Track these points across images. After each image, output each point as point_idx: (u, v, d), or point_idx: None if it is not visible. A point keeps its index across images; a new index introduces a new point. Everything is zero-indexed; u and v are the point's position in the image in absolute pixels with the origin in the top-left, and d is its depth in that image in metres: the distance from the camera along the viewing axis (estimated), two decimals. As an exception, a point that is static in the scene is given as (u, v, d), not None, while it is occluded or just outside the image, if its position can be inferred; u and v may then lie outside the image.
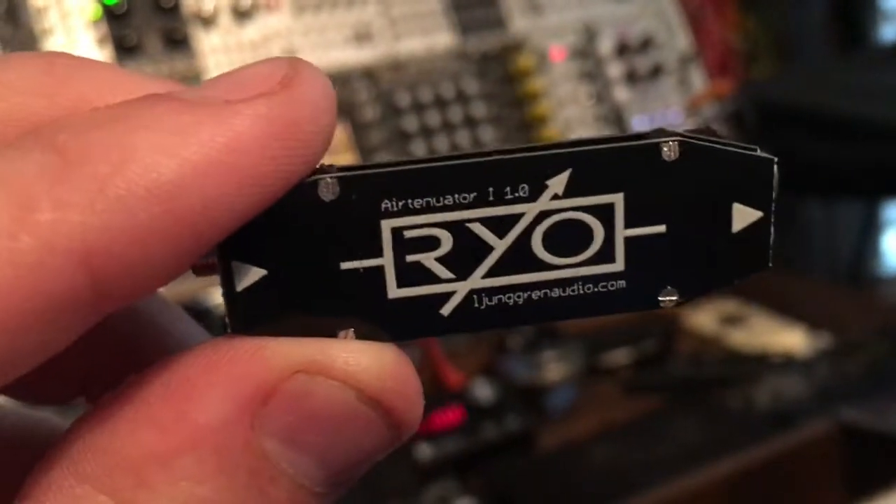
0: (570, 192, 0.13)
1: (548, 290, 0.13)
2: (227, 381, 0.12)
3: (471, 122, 0.80)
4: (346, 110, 0.77)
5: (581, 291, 0.14)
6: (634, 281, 0.14)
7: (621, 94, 0.86)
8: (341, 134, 0.76)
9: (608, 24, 0.87)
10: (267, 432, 0.12)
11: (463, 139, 0.79)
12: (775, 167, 0.14)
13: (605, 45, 0.86)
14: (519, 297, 0.13)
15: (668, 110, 0.87)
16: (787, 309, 0.87)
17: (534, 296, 0.13)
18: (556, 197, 0.13)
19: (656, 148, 0.13)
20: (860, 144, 0.82)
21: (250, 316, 0.13)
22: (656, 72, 0.87)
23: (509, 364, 0.76)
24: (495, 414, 0.68)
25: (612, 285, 0.14)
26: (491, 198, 0.13)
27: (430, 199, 0.13)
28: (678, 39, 0.89)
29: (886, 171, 0.84)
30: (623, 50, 0.86)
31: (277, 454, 0.12)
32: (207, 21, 0.75)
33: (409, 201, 0.13)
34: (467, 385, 0.71)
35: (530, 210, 0.13)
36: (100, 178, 0.10)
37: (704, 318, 0.89)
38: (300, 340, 0.12)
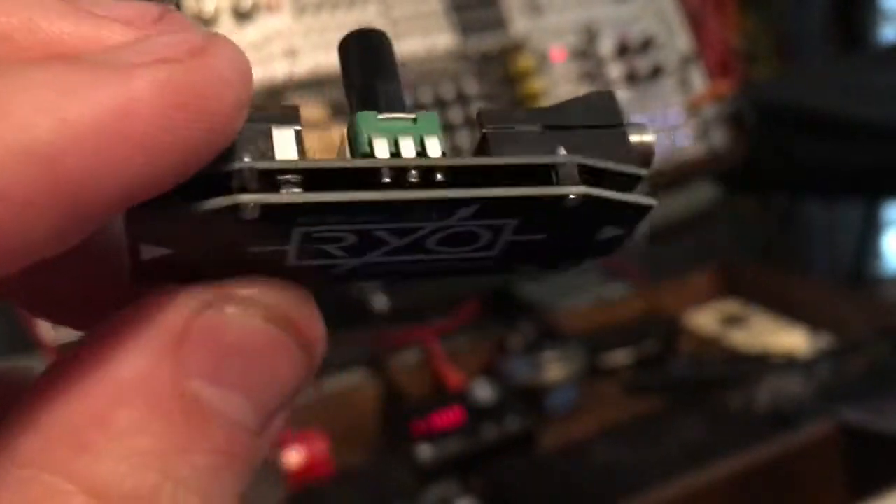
0: (474, 216, 0.13)
1: (425, 259, 0.14)
2: (140, 332, 0.12)
3: (471, 123, 0.80)
4: (348, 111, 0.77)
5: (454, 261, 0.15)
6: (501, 260, 0.15)
7: (621, 94, 0.86)
8: (342, 135, 0.76)
9: (608, 24, 0.87)
10: (190, 373, 0.12)
11: (463, 140, 0.79)
12: (650, 209, 0.15)
13: (606, 46, 0.86)
14: (402, 262, 0.14)
15: (668, 111, 0.87)
16: (788, 309, 0.87)
17: (412, 260, 0.14)
18: (460, 218, 0.13)
19: (563, 198, 0.14)
20: (860, 145, 0.82)
21: (154, 276, 0.13)
22: (656, 72, 0.87)
23: (510, 364, 0.76)
24: (496, 414, 0.68)
25: (482, 261, 0.15)
26: (401, 223, 0.13)
27: (344, 220, 0.13)
28: (678, 40, 0.89)
29: (886, 172, 0.84)
30: (623, 51, 0.86)
31: (206, 393, 0.12)
32: (208, 22, 0.75)
33: (325, 220, 0.13)
34: (468, 385, 0.71)
35: (432, 225, 0.14)
36: None
37: (705, 318, 0.89)
38: (205, 284, 0.13)
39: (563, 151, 0.14)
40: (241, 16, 0.76)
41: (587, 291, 0.89)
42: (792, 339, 0.82)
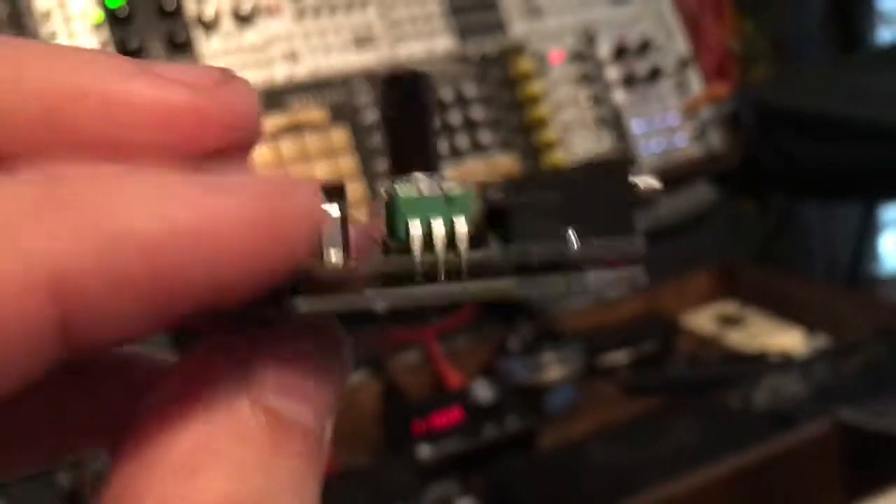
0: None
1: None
2: (212, 366, 0.13)
3: (470, 125, 0.80)
4: (347, 113, 0.78)
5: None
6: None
7: (620, 96, 0.86)
8: (342, 137, 0.77)
9: (607, 27, 0.87)
10: (265, 391, 0.13)
11: (462, 142, 0.79)
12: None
13: (604, 49, 0.87)
14: None
15: (666, 113, 0.87)
16: (786, 310, 0.87)
17: None
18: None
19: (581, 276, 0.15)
20: (857, 147, 0.83)
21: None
22: (654, 75, 0.87)
23: (509, 365, 0.76)
24: (495, 414, 0.68)
25: None
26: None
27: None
28: (676, 43, 0.90)
29: (884, 174, 0.84)
30: (621, 53, 0.87)
31: (280, 406, 0.13)
32: (209, 25, 0.76)
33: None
34: (467, 385, 0.72)
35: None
36: (86, 218, 0.11)
37: (703, 318, 0.89)
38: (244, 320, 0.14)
39: (572, 236, 0.15)
40: (242, 19, 0.77)
41: (586, 292, 0.90)
42: (789, 340, 0.82)
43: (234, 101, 0.14)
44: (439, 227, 0.15)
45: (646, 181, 0.16)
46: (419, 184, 0.15)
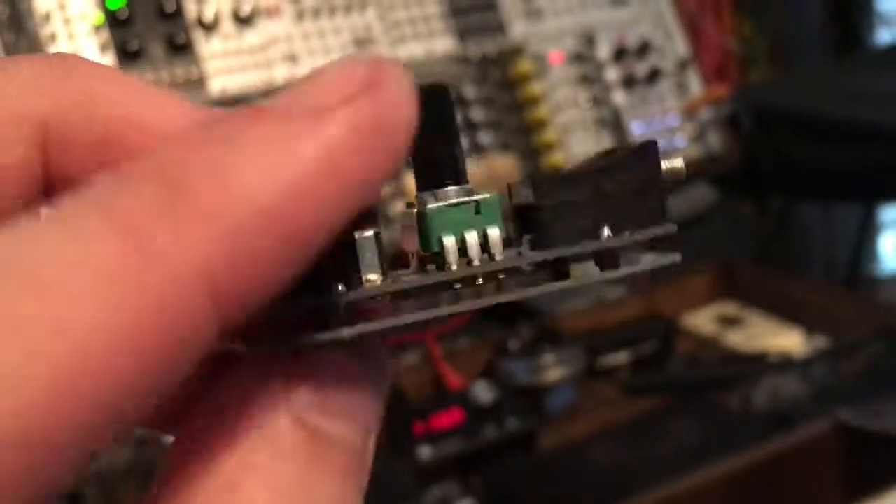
0: None
1: None
2: (253, 385, 0.14)
3: (471, 126, 0.81)
4: (347, 115, 0.78)
5: None
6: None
7: (619, 97, 0.86)
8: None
9: (606, 28, 0.88)
10: (305, 409, 0.14)
11: (462, 143, 0.80)
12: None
13: (604, 50, 0.87)
14: None
15: (665, 114, 0.88)
16: (785, 310, 0.87)
17: None
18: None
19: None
20: (856, 148, 0.83)
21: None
22: (654, 76, 0.87)
23: (509, 366, 0.76)
24: (495, 415, 0.68)
25: None
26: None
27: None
28: (676, 44, 0.90)
29: (882, 174, 0.85)
30: (621, 54, 0.87)
31: (321, 423, 0.14)
32: (209, 27, 0.76)
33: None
34: (468, 387, 0.72)
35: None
36: (210, 208, 0.11)
37: (703, 319, 0.89)
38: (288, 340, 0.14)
39: (606, 231, 0.15)
40: (242, 21, 0.77)
41: (585, 293, 0.90)
42: (789, 340, 0.83)
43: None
44: (473, 237, 0.15)
45: (671, 164, 0.16)
46: (448, 196, 0.15)
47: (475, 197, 0.15)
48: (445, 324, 0.79)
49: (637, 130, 0.86)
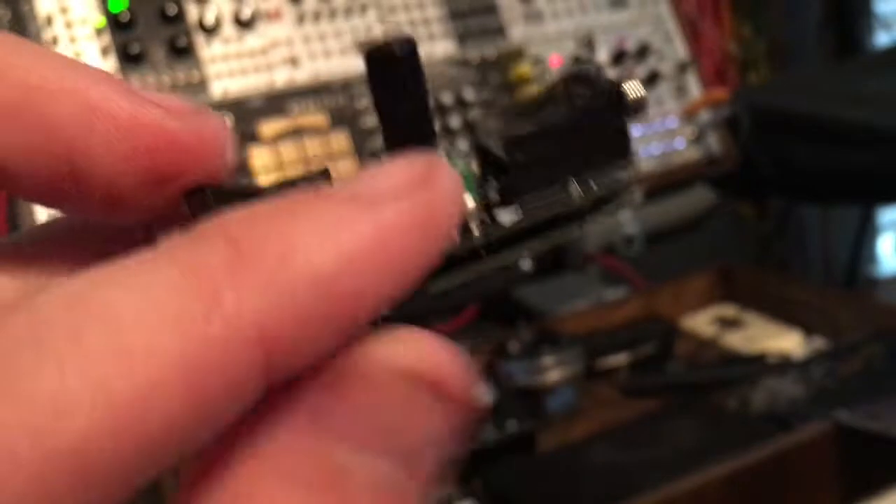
0: None
1: None
2: (276, 415, 0.13)
3: (471, 129, 0.81)
4: (348, 118, 0.78)
5: None
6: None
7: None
8: (343, 141, 0.77)
9: (606, 31, 0.88)
10: (330, 439, 0.13)
11: (463, 145, 0.80)
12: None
13: (603, 53, 0.87)
14: None
15: (664, 117, 0.88)
16: (784, 312, 0.87)
17: None
18: None
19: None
20: (855, 150, 0.83)
21: None
22: (653, 79, 0.88)
23: (509, 367, 0.77)
24: (495, 416, 0.69)
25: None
26: None
27: None
28: (675, 47, 0.90)
29: (881, 177, 0.85)
30: (620, 57, 0.87)
31: (347, 460, 0.13)
32: (210, 30, 0.76)
33: None
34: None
35: None
36: (271, 270, 0.12)
37: (702, 321, 0.89)
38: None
39: (575, 187, 0.16)
40: (243, 24, 0.77)
41: (585, 295, 0.90)
42: (788, 342, 0.83)
43: (202, 127, 0.14)
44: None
45: (633, 88, 0.16)
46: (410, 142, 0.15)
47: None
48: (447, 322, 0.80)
49: (636, 132, 0.86)
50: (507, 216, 0.15)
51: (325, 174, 0.15)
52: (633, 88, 0.16)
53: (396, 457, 0.13)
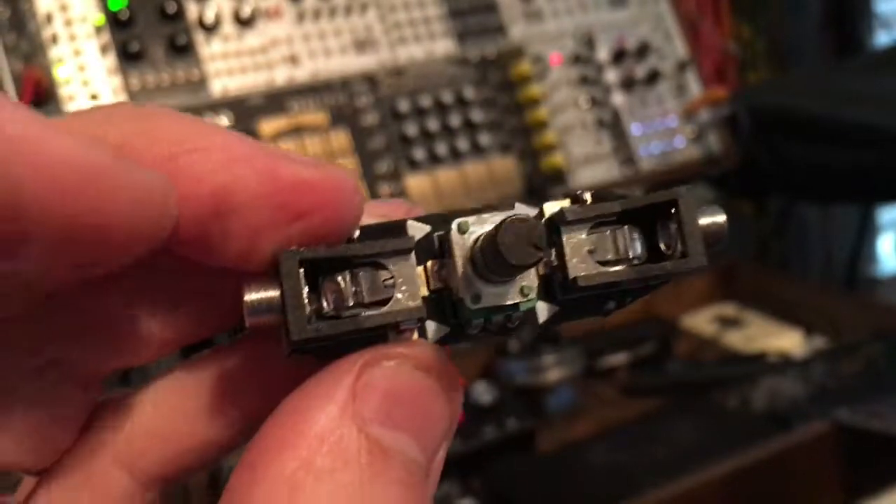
0: None
1: None
2: (322, 395, 0.15)
3: (471, 127, 0.81)
4: (348, 116, 0.78)
5: None
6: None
7: (618, 99, 0.87)
8: (343, 139, 0.77)
9: (606, 30, 0.88)
10: (367, 420, 0.15)
11: (463, 144, 0.80)
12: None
13: (603, 52, 0.87)
14: None
15: (664, 116, 0.88)
16: (784, 311, 0.87)
17: None
18: None
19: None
20: (854, 149, 0.83)
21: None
22: (653, 77, 0.88)
23: (509, 367, 0.77)
24: (495, 416, 0.69)
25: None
26: None
27: None
28: (675, 46, 0.90)
29: (880, 176, 0.85)
30: (620, 56, 0.87)
31: (383, 435, 0.15)
32: (210, 28, 0.76)
33: None
34: (468, 387, 0.72)
35: None
36: None
37: (702, 320, 0.89)
38: (360, 351, 0.16)
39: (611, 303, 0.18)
40: (243, 22, 0.77)
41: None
42: (788, 341, 0.83)
43: (332, 176, 0.16)
44: (499, 321, 0.17)
45: (714, 219, 0.17)
46: (492, 291, 0.17)
47: (518, 301, 0.17)
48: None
49: (636, 131, 0.86)
50: (544, 313, 0.17)
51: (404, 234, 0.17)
52: (711, 230, 0.17)
53: (419, 439, 0.15)
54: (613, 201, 0.17)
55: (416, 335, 0.17)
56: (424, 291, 0.17)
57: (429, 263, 0.17)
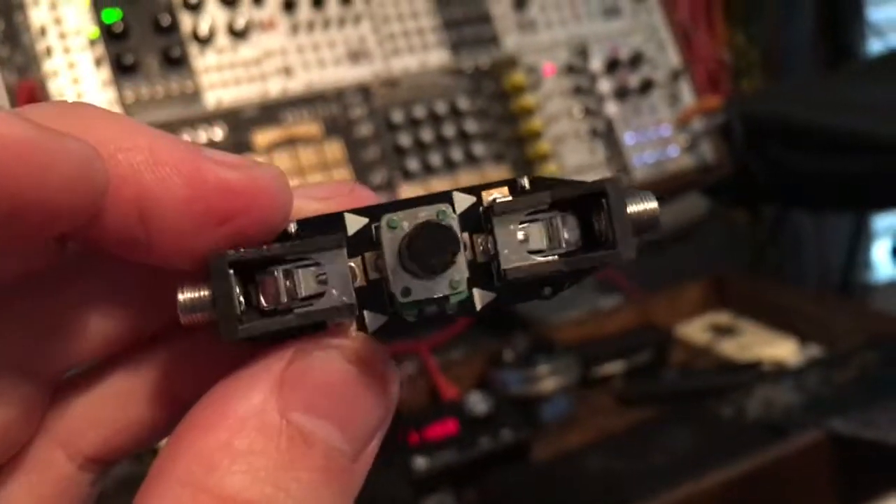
0: None
1: None
2: (251, 378, 0.15)
3: (464, 137, 0.81)
4: (341, 127, 0.78)
5: None
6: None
7: (612, 108, 0.87)
8: (337, 150, 0.77)
9: (599, 40, 0.88)
10: (291, 407, 0.15)
11: (457, 154, 0.80)
12: None
13: (596, 62, 0.87)
14: None
15: (658, 125, 0.88)
16: (778, 319, 0.88)
17: None
18: None
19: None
20: (848, 157, 0.83)
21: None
22: (646, 87, 0.88)
23: (504, 376, 0.77)
24: (490, 425, 0.69)
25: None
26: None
27: None
28: (668, 55, 0.90)
29: (874, 184, 0.85)
30: (614, 66, 0.88)
31: (305, 423, 0.15)
32: (204, 40, 0.76)
33: None
34: (462, 397, 0.72)
35: None
36: None
37: (696, 329, 0.89)
38: (294, 340, 0.16)
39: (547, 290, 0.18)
40: (237, 34, 0.77)
41: (580, 303, 0.90)
42: (782, 349, 0.83)
43: (256, 177, 0.16)
44: (433, 311, 0.17)
45: (645, 205, 0.17)
46: (423, 285, 0.17)
47: (448, 294, 0.17)
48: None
49: (630, 141, 0.87)
50: (481, 299, 0.17)
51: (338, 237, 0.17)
52: (642, 217, 0.17)
53: (344, 430, 0.15)
54: (545, 191, 0.17)
55: (354, 326, 0.17)
56: (362, 282, 0.17)
57: (367, 254, 0.17)
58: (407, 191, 0.78)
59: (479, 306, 0.17)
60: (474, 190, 0.17)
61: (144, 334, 0.18)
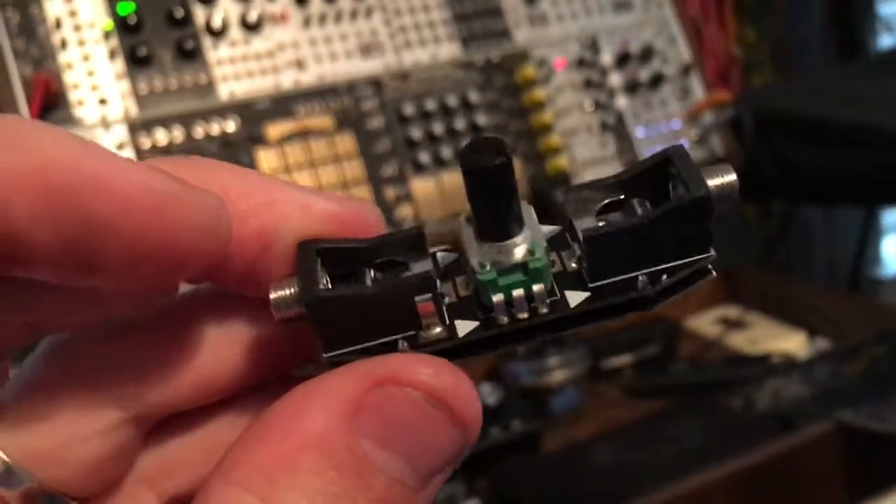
0: None
1: None
2: (325, 397, 0.15)
3: (475, 130, 0.81)
4: (353, 120, 0.79)
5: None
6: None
7: (622, 102, 0.87)
8: (349, 143, 0.78)
9: (610, 34, 0.88)
10: (361, 435, 0.15)
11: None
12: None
13: (607, 55, 0.88)
14: None
15: (668, 119, 0.88)
16: (788, 313, 0.88)
17: None
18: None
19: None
20: (858, 151, 0.83)
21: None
22: (657, 81, 0.88)
23: (514, 367, 0.77)
24: (501, 417, 0.69)
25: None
26: None
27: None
28: (678, 49, 0.90)
29: (884, 179, 0.85)
30: (624, 60, 0.88)
31: (372, 453, 0.15)
32: (217, 33, 0.77)
33: None
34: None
35: None
36: None
37: (706, 322, 0.90)
38: (373, 359, 0.16)
39: (642, 279, 0.17)
40: (249, 27, 0.78)
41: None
42: (792, 342, 0.83)
43: (358, 209, 0.18)
44: (520, 296, 0.17)
45: (722, 184, 0.16)
46: (502, 253, 0.17)
47: (526, 260, 0.16)
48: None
49: (640, 134, 0.87)
50: (574, 298, 0.17)
51: (419, 233, 0.17)
52: (722, 185, 0.16)
53: (412, 463, 0.15)
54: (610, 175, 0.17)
55: (439, 330, 0.17)
56: (453, 299, 0.17)
57: (457, 279, 0.17)
58: (418, 183, 0.79)
59: (573, 304, 0.17)
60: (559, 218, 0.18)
61: (249, 383, 0.19)
